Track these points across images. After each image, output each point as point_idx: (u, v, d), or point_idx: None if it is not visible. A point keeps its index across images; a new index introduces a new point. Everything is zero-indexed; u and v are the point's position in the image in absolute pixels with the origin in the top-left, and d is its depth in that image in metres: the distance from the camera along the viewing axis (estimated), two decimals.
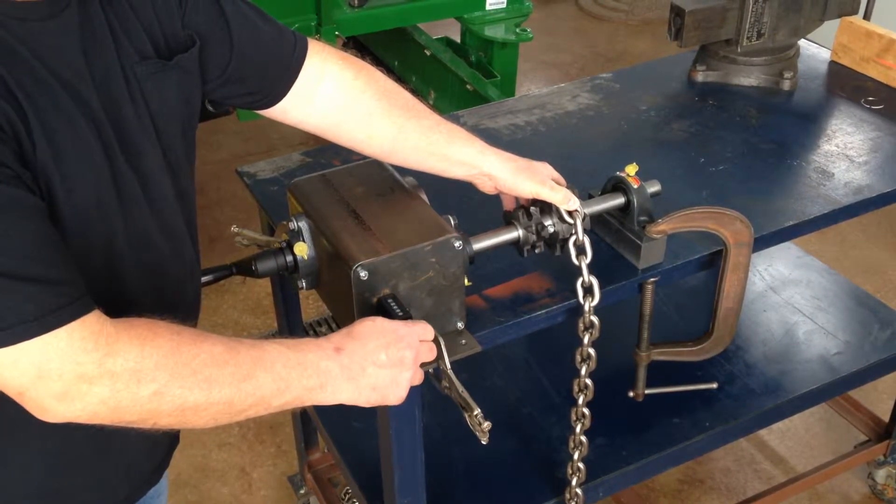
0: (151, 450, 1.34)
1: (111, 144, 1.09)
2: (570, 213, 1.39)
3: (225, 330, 3.14)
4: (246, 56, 1.29)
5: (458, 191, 1.52)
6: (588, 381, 1.51)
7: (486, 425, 1.21)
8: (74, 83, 1.05)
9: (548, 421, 1.95)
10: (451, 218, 1.34)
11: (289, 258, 1.35)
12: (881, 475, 2.50)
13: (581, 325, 1.45)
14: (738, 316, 1.64)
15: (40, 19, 1.01)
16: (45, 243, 0.96)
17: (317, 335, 3.09)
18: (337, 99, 1.39)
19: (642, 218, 1.50)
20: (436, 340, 1.25)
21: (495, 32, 3.54)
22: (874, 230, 3.59)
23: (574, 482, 1.66)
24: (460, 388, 1.24)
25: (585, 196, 1.50)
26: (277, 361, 1.07)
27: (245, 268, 1.37)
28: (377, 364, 1.15)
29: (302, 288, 1.39)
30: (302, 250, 1.34)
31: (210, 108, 3.40)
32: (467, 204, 1.57)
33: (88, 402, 0.96)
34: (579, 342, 1.47)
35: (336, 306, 1.35)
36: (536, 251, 1.44)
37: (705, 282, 2.15)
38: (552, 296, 1.48)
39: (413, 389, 1.41)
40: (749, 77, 2.13)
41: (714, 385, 1.98)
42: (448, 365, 1.26)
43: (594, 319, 1.44)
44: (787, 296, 2.35)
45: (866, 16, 3.60)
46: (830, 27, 2.21)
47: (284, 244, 1.36)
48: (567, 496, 1.68)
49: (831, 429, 2.72)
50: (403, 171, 1.45)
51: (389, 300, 1.24)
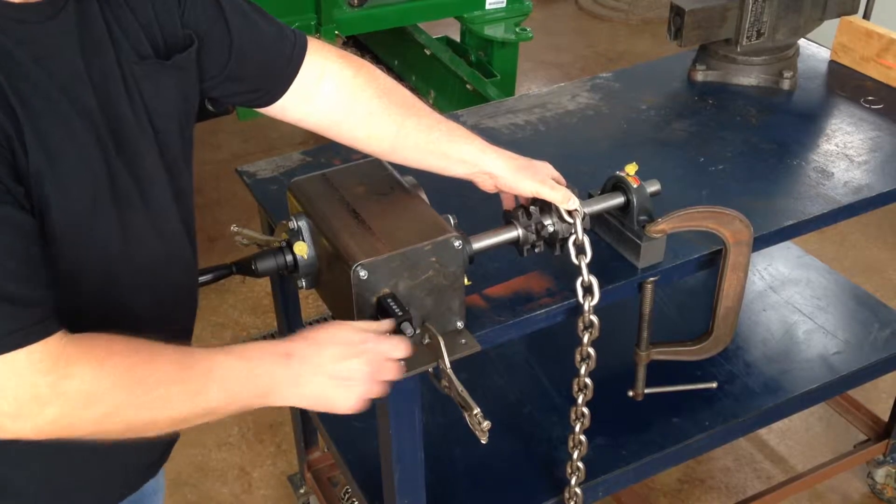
0: (150, 446, 1.31)
1: (108, 145, 1.09)
2: (570, 213, 1.39)
3: (225, 330, 3.14)
4: (245, 54, 1.29)
5: (458, 190, 1.52)
6: (587, 381, 1.51)
7: (486, 425, 1.21)
8: (72, 84, 1.05)
9: (548, 420, 1.95)
10: (451, 217, 1.34)
11: (289, 257, 1.35)
12: (881, 474, 2.51)
13: (581, 325, 1.45)
14: (738, 315, 1.64)
15: (39, 21, 1.01)
16: (24, 261, 0.95)
17: None
18: (337, 97, 1.39)
19: (642, 217, 1.50)
20: (435, 340, 1.26)
21: (495, 32, 3.54)
22: (874, 230, 3.59)
23: (573, 481, 1.66)
24: (460, 388, 1.24)
25: (585, 195, 1.50)
26: (228, 375, 1.07)
27: (245, 267, 1.37)
28: (328, 374, 1.13)
29: (302, 287, 1.39)
30: (302, 250, 1.34)
31: (210, 108, 3.40)
32: (467, 203, 1.57)
33: (38, 422, 0.96)
34: (579, 342, 1.47)
35: (336, 306, 1.35)
36: (536, 251, 1.44)
37: (705, 281, 2.15)
38: (552, 295, 1.48)
39: (413, 390, 1.41)
40: (749, 76, 2.13)
41: (714, 384, 1.98)
42: (448, 364, 1.26)
43: (594, 319, 1.44)
44: (787, 295, 2.35)
45: (866, 15, 3.60)
46: (830, 27, 2.21)
47: (284, 243, 1.36)
48: (566, 496, 1.68)
49: (831, 428, 2.72)
50: (403, 171, 1.45)
51: (389, 300, 1.24)
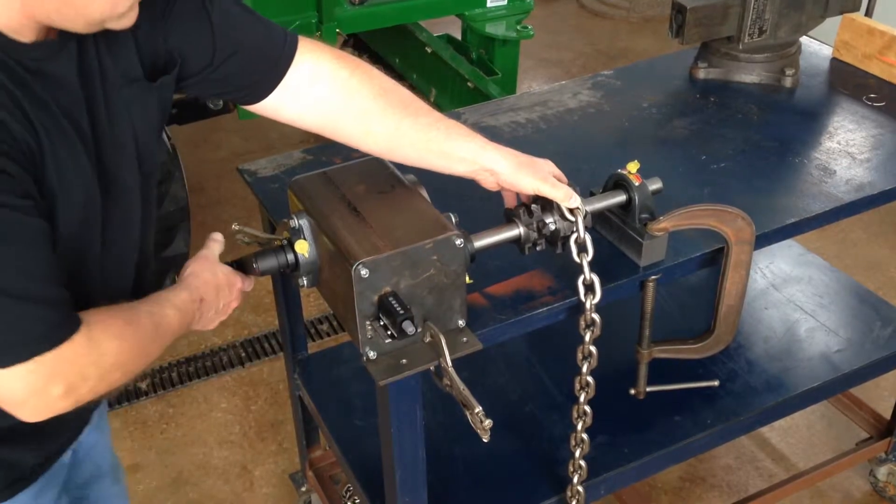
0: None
1: (96, 164, 1.17)
2: (572, 211, 1.39)
3: (226, 328, 3.14)
4: (227, 54, 1.30)
5: (459, 188, 1.52)
6: (589, 379, 1.51)
7: (487, 423, 1.21)
8: (73, 110, 1.13)
9: (549, 419, 1.95)
10: (452, 216, 1.34)
11: (290, 256, 1.35)
12: (883, 472, 2.50)
13: (582, 324, 1.45)
14: (740, 313, 1.64)
15: (49, 57, 1.10)
16: (54, 267, 1.09)
17: (318, 333, 3.11)
18: (332, 98, 1.38)
19: (644, 215, 1.50)
20: (437, 338, 1.25)
21: (496, 30, 3.54)
22: (876, 227, 3.59)
23: (576, 479, 1.66)
24: (461, 386, 1.24)
25: (587, 193, 1.50)
26: (174, 324, 1.27)
27: (243, 264, 1.38)
28: (217, 311, 1.38)
29: (303, 286, 1.39)
30: (303, 248, 1.34)
31: (211, 106, 3.41)
32: (468, 202, 1.57)
33: (81, 395, 1.11)
34: (581, 340, 1.47)
35: (337, 304, 1.35)
36: (538, 249, 1.44)
37: (707, 279, 2.14)
38: (553, 294, 1.48)
39: (414, 388, 1.42)
40: (751, 74, 2.13)
41: (715, 383, 1.98)
42: (449, 363, 1.26)
43: (595, 317, 1.44)
44: (789, 293, 2.35)
45: (868, 13, 3.60)
46: (832, 24, 2.21)
47: (285, 242, 1.36)
48: (569, 494, 1.68)
49: (833, 426, 2.72)
50: (404, 169, 1.45)
51: (390, 298, 1.24)
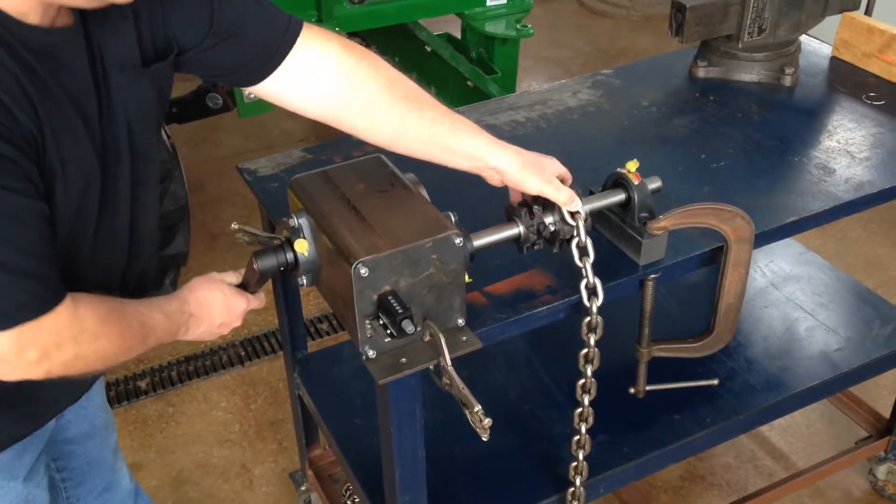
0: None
1: (99, 150, 1.20)
2: (573, 215, 1.38)
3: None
4: (224, 35, 1.32)
5: (459, 187, 1.52)
6: (593, 380, 1.51)
7: (487, 422, 1.21)
8: (80, 97, 1.16)
9: (549, 418, 1.95)
10: (452, 214, 1.34)
11: (289, 255, 1.35)
12: (882, 471, 2.51)
13: (585, 329, 1.45)
14: (739, 312, 1.64)
15: (62, 42, 1.13)
16: (50, 245, 1.14)
17: (318, 332, 3.11)
18: (337, 88, 1.38)
19: (643, 214, 1.50)
20: (436, 337, 1.26)
21: (496, 28, 3.54)
22: (875, 226, 3.59)
23: (578, 482, 1.66)
24: (461, 385, 1.24)
25: (586, 192, 1.50)
26: (160, 329, 1.32)
27: (248, 284, 1.46)
28: (208, 327, 1.43)
29: (302, 285, 1.39)
30: (302, 247, 1.34)
31: (211, 105, 3.41)
32: (468, 200, 1.57)
33: (55, 361, 1.16)
34: (585, 344, 1.46)
35: (337, 303, 1.35)
36: (536, 248, 1.44)
37: (706, 278, 2.14)
38: (553, 293, 1.48)
39: (413, 387, 1.42)
40: (750, 73, 2.13)
41: (715, 381, 1.98)
42: (449, 362, 1.26)
43: (599, 319, 1.43)
44: (789, 292, 2.35)
45: (867, 11, 3.59)
46: (832, 23, 2.21)
47: (285, 241, 1.36)
48: (570, 496, 1.68)
49: (832, 425, 2.72)
50: (404, 168, 1.45)
51: (390, 297, 1.24)
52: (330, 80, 1.38)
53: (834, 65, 2.24)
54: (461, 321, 1.35)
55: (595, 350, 1.47)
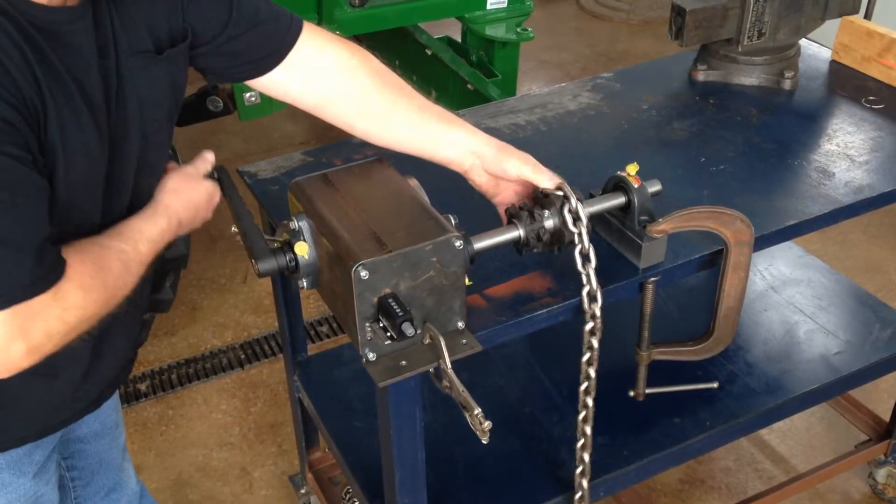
0: (99, 376, 1.44)
1: (105, 135, 1.19)
2: (575, 221, 1.38)
3: (226, 330, 3.14)
4: (241, 29, 1.37)
5: (460, 190, 1.52)
6: (594, 381, 1.52)
7: (487, 425, 1.21)
8: (85, 80, 1.15)
9: (548, 420, 1.95)
10: (452, 217, 1.34)
11: (289, 258, 1.35)
12: (882, 475, 2.50)
13: (588, 334, 1.45)
14: (739, 315, 1.64)
15: (68, 22, 1.13)
16: (46, 220, 1.10)
17: (318, 335, 3.11)
18: (333, 75, 1.45)
19: (643, 217, 1.50)
20: (436, 340, 1.26)
21: (496, 32, 3.54)
22: (875, 230, 3.59)
23: (585, 484, 1.66)
24: (461, 388, 1.24)
25: (587, 195, 1.50)
26: (146, 257, 1.28)
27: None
28: (193, 224, 1.45)
29: (303, 287, 1.39)
30: (303, 250, 1.34)
31: (211, 108, 3.41)
32: (468, 203, 1.57)
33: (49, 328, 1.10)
34: (583, 347, 1.46)
35: (337, 306, 1.35)
36: (535, 251, 1.44)
37: (706, 281, 2.15)
38: (553, 295, 1.48)
39: (413, 390, 1.42)
40: (750, 76, 2.13)
41: (715, 384, 1.98)
42: (449, 364, 1.26)
43: (598, 321, 1.44)
44: (788, 295, 2.35)
45: (867, 15, 3.60)
46: (831, 26, 2.21)
47: (285, 243, 1.36)
48: (578, 495, 1.69)
49: (832, 428, 2.72)
50: (404, 170, 1.45)
51: (390, 300, 1.24)
52: (326, 70, 1.45)
53: (833, 68, 2.24)
54: (461, 324, 1.35)
55: (598, 354, 1.47)
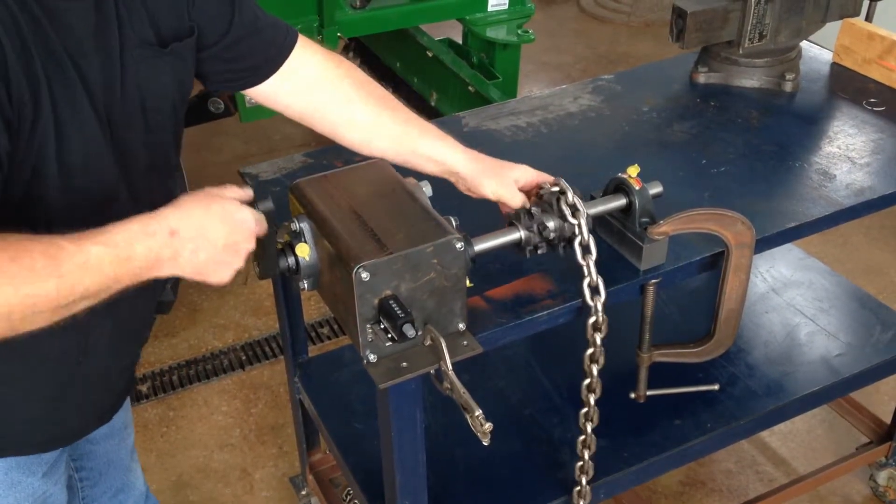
0: (109, 390, 1.47)
1: (104, 118, 1.19)
2: (574, 213, 1.39)
3: (227, 331, 3.14)
4: (243, 34, 1.39)
5: (460, 192, 1.52)
6: (598, 380, 1.52)
7: (488, 426, 1.21)
8: (81, 58, 1.15)
9: (549, 422, 1.95)
10: (453, 219, 1.34)
11: (290, 259, 1.35)
12: (883, 477, 2.50)
13: (590, 329, 1.45)
14: (740, 317, 1.64)
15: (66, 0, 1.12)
16: None
17: (319, 336, 3.11)
18: (320, 85, 1.48)
19: (644, 219, 1.50)
20: (437, 341, 1.26)
21: (497, 34, 3.54)
22: (876, 232, 3.59)
23: (584, 481, 1.66)
24: (461, 390, 1.24)
25: (587, 197, 1.50)
26: (104, 263, 1.03)
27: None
28: (210, 252, 1.12)
29: (303, 289, 1.39)
30: (303, 251, 1.34)
31: (212, 110, 3.41)
32: (469, 205, 1.57)
33: None
34: (586, 343, 1.47)
35: (338, 307, 1.35)
36: (539, 252, 1.44)
37: (707, 283, 2.15)
38: (554, 297, 1.48)
39: (414, 391, 1.41)
40: (751, 79, 2.14)
41: (716, 386, 1.98)
42: (449, 366, 1.26)
43: (604, 317, 1.44)
44: (789, 297, 2.35)
45: (868, 17, 3.58)
46: (832, 29, 2.21)
47: (286, 245, 1.36)
48: (577, 495, 1.69)
49: (833, 431, 2.72)
50: (405, 172, 1.45)
51: (391, 301, 1.24)
52: (314, 80, 1.48)
53: (834, 71, 2.24)
54: (462, 325, 1.35)
55: (601, 349, 1.47)
